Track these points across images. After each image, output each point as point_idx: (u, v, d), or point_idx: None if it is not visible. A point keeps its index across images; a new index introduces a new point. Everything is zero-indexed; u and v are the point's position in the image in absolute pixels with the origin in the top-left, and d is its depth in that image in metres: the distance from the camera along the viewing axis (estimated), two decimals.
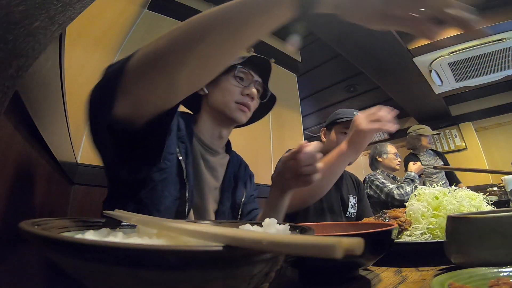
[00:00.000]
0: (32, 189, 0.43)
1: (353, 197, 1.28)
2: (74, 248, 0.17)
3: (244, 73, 0.77)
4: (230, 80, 0.76)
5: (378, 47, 2.48)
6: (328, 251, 0.12)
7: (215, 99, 0.76)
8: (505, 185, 1.51)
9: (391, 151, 2.22)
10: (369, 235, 0.38)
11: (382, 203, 1.95)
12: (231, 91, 0.75)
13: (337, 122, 1.23)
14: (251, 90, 0.75)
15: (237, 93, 0.75)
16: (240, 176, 0.84)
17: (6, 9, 0.21)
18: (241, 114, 0.75)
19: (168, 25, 1.97)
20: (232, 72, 0.75)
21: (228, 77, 0.76)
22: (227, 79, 0.76)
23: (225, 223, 0.40)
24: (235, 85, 0.75)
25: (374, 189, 2.02)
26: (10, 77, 0.25)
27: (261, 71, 0.80)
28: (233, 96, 0.74)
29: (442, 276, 0.31)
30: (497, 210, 0.53)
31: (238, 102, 0.74)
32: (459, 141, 3.85)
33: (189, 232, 0.21)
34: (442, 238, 0.51)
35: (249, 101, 0.76)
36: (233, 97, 0.74)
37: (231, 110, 0.74)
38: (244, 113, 0.76)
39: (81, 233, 0.28)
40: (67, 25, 0.31)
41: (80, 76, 1.06)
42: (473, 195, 0.63)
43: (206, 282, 0.17)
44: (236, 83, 0.76)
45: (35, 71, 0.40)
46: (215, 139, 0.79)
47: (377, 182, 2.03)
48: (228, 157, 0.84)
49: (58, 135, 0.57)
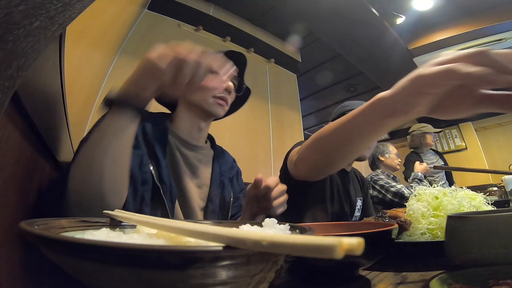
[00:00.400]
0: (32, 189, 0.43)
1: (360, 199, 1.21)
2: (74, 248, 0.17)
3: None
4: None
5: (378, 47, 2.48)
6: (328, 251, 0.12)
7: (193, 95, 0.78)
8: (505, 185, 1.51)
9: (393, 151, 2.23)
10: (369, 235, 0.38)
11: (387, 203, 1.94)
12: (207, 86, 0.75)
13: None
14: (228, 84, 0.77)
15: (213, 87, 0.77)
16: (226, 172, 0.83)
17: (6, 9, 0.21)
18: (219, 108, 0.77)
19: (168, 25, 1.98)
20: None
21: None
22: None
23: (225, 223, 0.40)
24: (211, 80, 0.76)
25: (378, 189, 2.01)
26: (10, 77, 0.25)
27: (237, 66, 0.80)
28: (210, 90, 0.76)
29: (442, 276, 0.31)
30: (497, 210, 0.53)
31: (215, 96, 0.76)
32: (459, 141, 3.85)
33: (189, 232, 0.21)
34: (442, 238, 0.51)
35: (227, 95, 0.78)
36: (211, 91, 0.76)
37: (209, 104, 0.76)
38: (221, 107, 0.78)
39: (81, 233, 0.28)
40: (67, 25, 0.31)
41: (80, 76, 1.06)
42: (473, 195, 0.62)
43: (206, 282, 0.17)
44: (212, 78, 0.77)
45: (35, 71, 0.40)
46: (194, 132, 0.79)
47: (381, 182, 2.02)
48: (212, 152, 0.84)
49: (58, 135, 0.57)
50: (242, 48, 2.35)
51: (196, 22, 2.11)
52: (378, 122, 0.49)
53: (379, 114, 0.48)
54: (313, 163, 0.68)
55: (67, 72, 0.63)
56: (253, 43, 2.43)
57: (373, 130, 0.51)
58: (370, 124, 0.51)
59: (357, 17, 2.10)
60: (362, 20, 2.17)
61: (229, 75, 0.77)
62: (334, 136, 0.57)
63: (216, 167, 0.81)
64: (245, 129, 2.16)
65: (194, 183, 0.75)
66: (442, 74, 0.37)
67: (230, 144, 0.90)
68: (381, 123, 0.49)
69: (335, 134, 0.57)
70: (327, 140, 0.59)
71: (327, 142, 0.60)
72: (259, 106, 2.35)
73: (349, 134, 0.55)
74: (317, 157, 0.65)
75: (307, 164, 0.70)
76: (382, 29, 2.27)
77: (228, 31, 2.27)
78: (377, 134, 0.53)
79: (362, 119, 0.51)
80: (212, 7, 2.26)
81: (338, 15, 2.10)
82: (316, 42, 2.71)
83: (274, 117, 2.43)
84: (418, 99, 0.42)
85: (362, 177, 1.32)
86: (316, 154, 0.65)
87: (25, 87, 0.35)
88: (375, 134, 0.53)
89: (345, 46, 2.55)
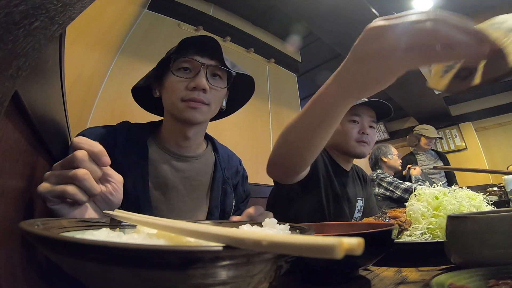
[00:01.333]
0: (32, 189, 0.43)
1: (361, 200, 1.15)
2: (74, 248, 0.17)
3: (187, 62, 0.65)
4: (171, 76, 0.64)
5: None
6: (328, 251, 0.12)
7: (164, 101, 0.68)
8: (505, 185, 1.51)
9: (395, 152, 2.26)
10: (369, 235, 0.38)
11: (395, 200, 1.96)
12: (174, 89, 0.64)
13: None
14: (196, 81, 0.62)
15: (181, 89, 0.63)
16: (229, 179, 0.74)
17: (6, 9, 0.21)
18: (193, 112, 0.63)
19: (168, 25, 1.98)
20: (170, 66, 0.64)
21: (169, 73, 0.65)
22: (169, 75, 0.65)
23: (225, 223, 0.40)
24: (179, 80, 0.64)
25: (386, 186, 2.03)
26: (10, 77, 0.25)
27: (210, 52, 0.65)
28: (177, 93, 0.63)
29: (442, 276, 0.31)
30: (497, 210, 0.53)
31: (184, 99, 0.63)
32: (459, 141, 3.85)
33: (189, 232, 0.21)
34: (442, 238, 0.51)
35: (199, 95, 0.63)
36: (178, 94, 0.63)
37: (179, 110, 0.63)
38: (196, 110, 0.63)
39: (81, 233, 0.28)
40: (67, 25, 0.31)
41: (80, 76, 1.06)
42: (473, 195, 0.63)
43: (206, 282, 0.17)
44: (179, 78, 0.64)
45: (35, 71, 0.40)
46: (180, 141, 0.68)
47: (389, 179, 2.05)
48: (212, 158, 0.74)
49: (58, 135, 0.57)
50: (242, 48, 2.35)
51: (196, 22, 2.11)
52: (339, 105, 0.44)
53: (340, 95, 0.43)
54: (282, 164, 0.63)
55: (67, 72, 0.63)
56: (253, 43, 2.43)
57: (335, 114, 0.46)
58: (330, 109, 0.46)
59: (357, 17, 2.10)
60: (362, 20, 2.16)
61: (195, 69, 0.64)
62: (297, 130, 0.52)
63: (218, 175, 0.72)
64: (245, 129, 2.16)
65: (192, 195, 0.68)
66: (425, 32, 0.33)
67: (230, 144, 0.89)
68: (343, 104, 0.44)
69: (297, 128, 0.52)
70: (291, 136, 0.54)
71: (290, 138, 0.55)
72: (259, 106, 2.35)
73: (310, 124, 0.50)
74: (285, 157, 0.60)
75: (278, 167, 0.64)
76: None
77: (228, 31, 2.27)
78: (339, 117, 0.48)
79: (319, 105, 0.47)
80: (212, 7, 2.26)
81: (338, 15, 2.10)
82: (316, 42, 2.71)
83: (274, 117, 2.43)
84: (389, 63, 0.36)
85: (364, 175, 1.25)
86: (283, 154, 0.59)
87: (25, 87, 0.35)
88: (338, 119, 0.48)
89: (345, 46, 2.55)
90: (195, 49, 0.65)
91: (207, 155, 0.74)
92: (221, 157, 0.75)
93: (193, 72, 0.65)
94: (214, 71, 0.67)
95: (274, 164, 0.63)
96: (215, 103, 0.67)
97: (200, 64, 0.64)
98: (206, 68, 0.64)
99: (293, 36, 2.60)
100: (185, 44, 0.64)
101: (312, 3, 2.02)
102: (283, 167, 0.64)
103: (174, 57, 0.64)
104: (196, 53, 0.65)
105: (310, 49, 2.84)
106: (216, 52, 0.65)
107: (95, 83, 1.43)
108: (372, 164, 2.28)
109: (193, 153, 0.71)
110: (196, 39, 0.65)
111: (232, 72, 0.68)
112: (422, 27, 0.34)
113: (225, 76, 0.70)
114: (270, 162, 0.63)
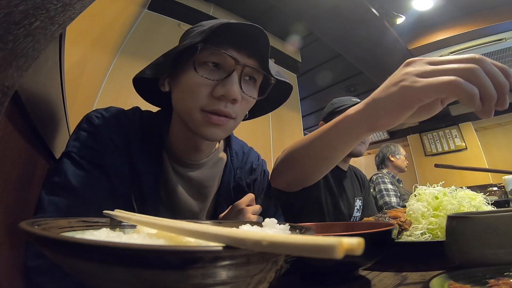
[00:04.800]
0: (32, 189, 0.43)
1: (359, 200, 1.16)
2: (74, 248, 0.17)
3: (218, 56, 0.46)
4: (191, 72, 0.46)
5: (378, 47, 2.48)
6: (328, 251, 0.12)
7: (176, 103, 0.51)
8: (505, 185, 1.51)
9: (403, 152, 2.24)
10: (369, 235, 0.38)
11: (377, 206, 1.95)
12: (193, 92, 0.46)
13: (337, 112, 1.10)
14: (226, 87, 0.45)
15: (203, 94, 0.46)
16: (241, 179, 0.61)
17: (6, 9, 0.21)
18: (214, 129, 0.47)
19: (168, 25, 1.98)
20: (192, 58, 0.45)
21: (189, 66, 0.46)
22: (188, 70, 0.46)
23: (225, 223, 0.40)
24: (202, 83, 0.46)
25: (377, 191, 2.02)
26: (10, 77, 0.25)
27: (251, 47, 0.47)
28: (197, 99, 0.46)
29: (442, 276, 0.31)
30: (497, 210, 0.53)
31: (205, 109, 0.46)
32: (459, 141, 3.85)
33: (189, 232, 0.21)
34: (442, 238, 0.51)
35: (226, 107, 0.46)
36: (198, 102, 0.46)
37: (196, 122, 0.47)
38: (217, 128, 0.47)
39: (81, 233, 0.28)
40: (67, 25, 0.31)
41: (80, 76, 1.06)
42: (473, 195, 0.62)
43: (206, 282, 0.17)
44: (203, 79, 0.46)
45: (35, 71, 0.40)
46: (190, 152, 0.54)
47: (382, 186, 2.02)
48: (224, 158, 0.60)
49: (58, 135, 0.57)
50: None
51: (196, 22, 2.08)
52: (352, 139, 0.49)
53: (354, 130, 0.47)
54: (289, 177, 0.65)
55: (67, 72, 0.63)
56: None
57: (346, 145, 0.51)
58: (343, 140, 0.50)
59: (357, 17, 2.10)
60: (362, 20, 2.17)
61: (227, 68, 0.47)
62: (308, 151, 0.55)
63: (226, 178, 0.59)
64: (245, 129, 2.16)
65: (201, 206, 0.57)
66: (438, 87, 0.36)
67: None
68: (356, 138, 0.48)
69: (308, 149, 0.55)
70: (301, 155, 0.57)
71: (300, 156, 0.57)
72: None
73: (322, 149, 0.53)
74: (292, 171, 0.62)
75: (283, 179, 0.66)
76: (382, 29, 2.27)
77: None
78: (350, 147, 0.52)
79: (335, 134, 0.51)
80: (212, 7, 2.26)
81: (338, 15, 2.10)
82: (316, 42, 2.71)
83: (274, 117, 2.43)
84: (405, 111, 0.41)
85: (362, 176, 1.27)
86: (290, 169, 0.62)
87: (25, 87, 0.35)
88: (349, 148, 0.52)
89: (345, 46, 2.55)
90: (231, 39, 0.46)
91: (218, 156, 0.60)
92: (234, 154, 0.62)
93: (223, 71, 0.47)
94: (250, 73, 0.49)
95: (279, 178, 0.66)
96: (241, 116, 0.51)
97: (235, 62, 0.46)
98: (242, 68, 0.47)
99: (293, 36, 2.60)
100: (222, 30, 0.44)
101: (312, 3, 2.02)
102: (291, 181, 0.66)
103: (200, 46, 0.44)
104: (232, 46, 0.46)
105: (310, 49, 2.84)
106: (259, 49, 0.47)
107: (95, 83, 1.44)
108: (379, 162, 2.26)
109: (203, 159, 0.57)
110: (239, 27, 0.45)
111: (271, 78, 0.50)
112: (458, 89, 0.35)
113: (260, 80, 0.52)
114: (277, 174, 0.65)
